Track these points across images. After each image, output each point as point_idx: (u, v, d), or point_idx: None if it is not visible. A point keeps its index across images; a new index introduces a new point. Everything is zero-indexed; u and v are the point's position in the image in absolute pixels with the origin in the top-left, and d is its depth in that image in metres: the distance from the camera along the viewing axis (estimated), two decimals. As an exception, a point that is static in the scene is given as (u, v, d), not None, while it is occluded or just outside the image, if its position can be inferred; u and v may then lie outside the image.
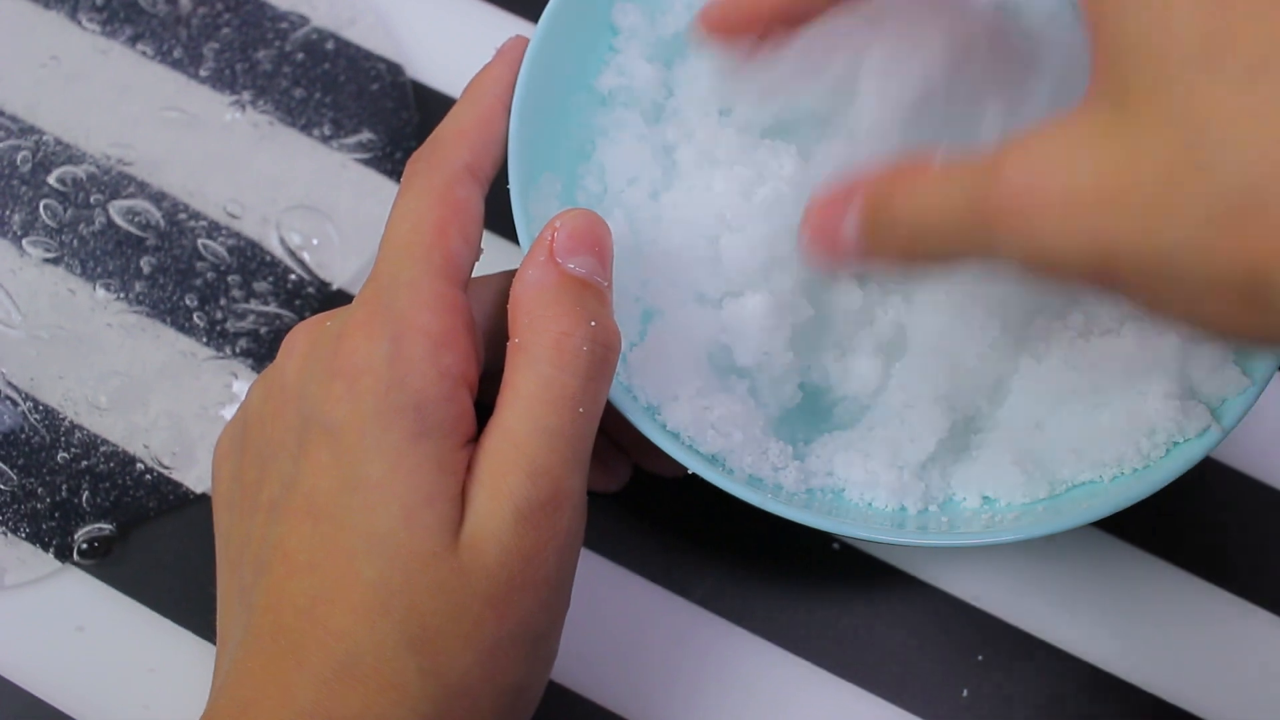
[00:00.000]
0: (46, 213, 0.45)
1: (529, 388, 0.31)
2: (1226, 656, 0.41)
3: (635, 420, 0.35)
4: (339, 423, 0.31)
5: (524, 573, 0.31)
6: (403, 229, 0.34)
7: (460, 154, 0.35)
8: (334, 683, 0.30)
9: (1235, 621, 0.41)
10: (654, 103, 0.39)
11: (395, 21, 0.48)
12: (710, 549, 0.42)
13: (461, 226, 0.34)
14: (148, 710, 0.40)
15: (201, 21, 0.47)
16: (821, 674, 0.40)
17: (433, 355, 0.31)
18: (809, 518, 0.34)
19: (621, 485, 0.40)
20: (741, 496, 0.34)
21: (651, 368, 0.36)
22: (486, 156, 0.35)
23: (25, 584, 0.41)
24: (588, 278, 0.33)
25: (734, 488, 0.34)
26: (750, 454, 0.36)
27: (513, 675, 0.32)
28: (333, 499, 0.31)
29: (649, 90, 0.39)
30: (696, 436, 0.36)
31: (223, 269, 0.44)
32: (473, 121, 0.36)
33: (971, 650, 0.41)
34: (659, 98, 0.39)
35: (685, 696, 0.40)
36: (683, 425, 0.36)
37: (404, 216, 0.34)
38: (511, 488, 0.31)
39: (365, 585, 0.30)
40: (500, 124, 0.36)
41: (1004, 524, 0.35)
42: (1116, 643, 0.41)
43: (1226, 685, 0.40)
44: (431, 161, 0.35)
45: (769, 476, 0.36)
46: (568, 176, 0.38)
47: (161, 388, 0.43)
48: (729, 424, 0.36)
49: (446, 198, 0.34)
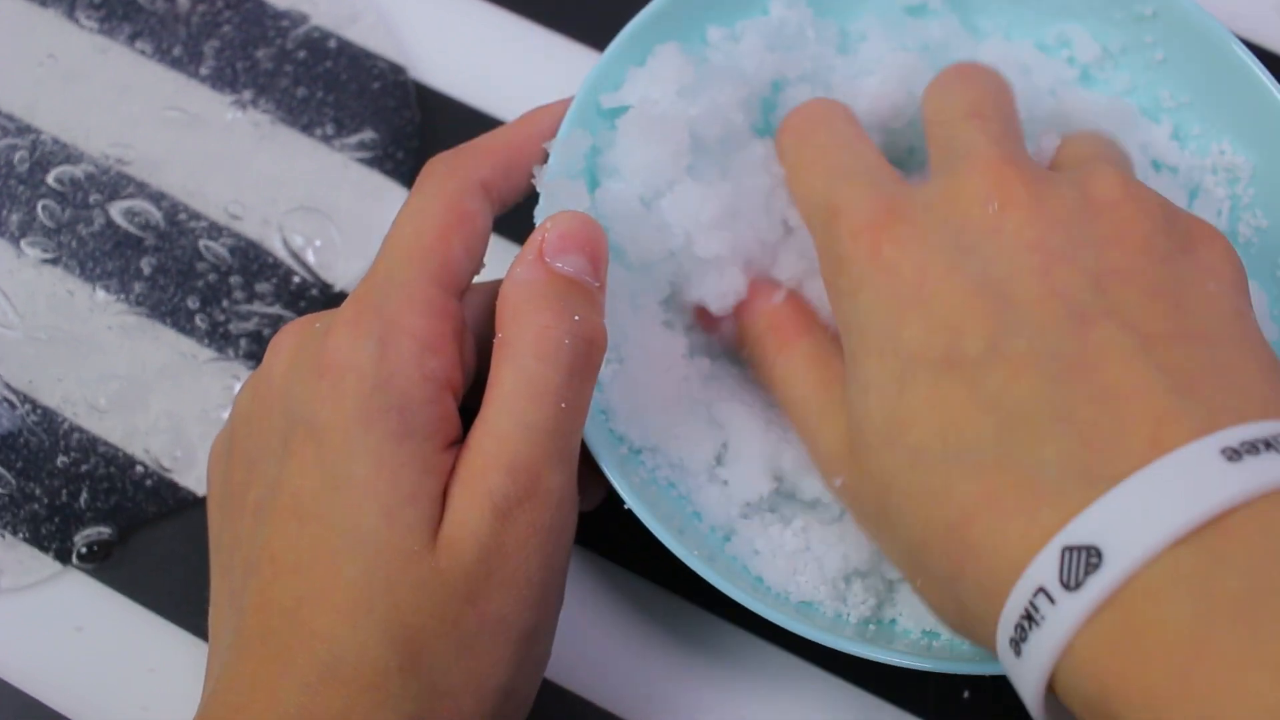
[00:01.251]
0: (44, 213, 0.45)
1: (511, 382, 0.32)
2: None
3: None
4: (323, 423, 0.31)
5: (503, 570, 0.31)
6: (406, 230, 0.34)
7: (480, 168, 0.35)
8: (318, 685, 0.30)
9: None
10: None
11: (397, 21, 0.48)
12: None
13: (465, 237, 0.34)
14: (146, 711, 0.40)
15: (201, 19, 0.47)
16: (822, 674, 0.40)
17: (418, 358, 0.32)
18: (727, 587, 0.35)
19: (595, 505, 0.40)
20: (669, 547, 0.35)
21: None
22: (506, 179, 0.36)
23: (24, 587, 0.41)
24: (576, 276, 0.33)
25: (663, 534, 0.35)
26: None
27: (497, 675, 0.32)
28: (317, 499, 0.31)
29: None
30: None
31: (224, 270, 0.44)
32: (503, 143, 0.36)
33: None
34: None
35: (685, 696, 0.40)
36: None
37: (409, 218, 0.34)
38: (490, 484, 0.31)
39: (348, 585, 0.30)
40: (532, 157, 0.36)
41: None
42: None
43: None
44: (451, 166, 0.35)
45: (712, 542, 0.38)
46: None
47: (162, 389, 0.43)
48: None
49: (454, 206, 0.34)
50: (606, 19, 0.41)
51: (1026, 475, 0.27)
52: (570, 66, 0.47)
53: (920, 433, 0.30)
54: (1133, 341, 0.28)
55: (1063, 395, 0.28)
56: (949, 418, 0.29)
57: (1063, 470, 0.27)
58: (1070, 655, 0.26)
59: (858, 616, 0.37)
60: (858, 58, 0.40)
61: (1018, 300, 0.30)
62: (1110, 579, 0.25)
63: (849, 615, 0.37)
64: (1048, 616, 0.26)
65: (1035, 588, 0.26)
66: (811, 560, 0.37)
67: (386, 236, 0.34)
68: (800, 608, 0.37)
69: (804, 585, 0.37)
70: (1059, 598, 0.26)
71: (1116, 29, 0.40)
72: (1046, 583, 0.26)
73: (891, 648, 0.35)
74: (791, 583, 0.37)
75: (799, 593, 0.37)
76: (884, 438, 0.31)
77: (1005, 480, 0.28)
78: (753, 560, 0.37)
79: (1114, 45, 0.40)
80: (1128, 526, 0.25)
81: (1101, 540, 0.25)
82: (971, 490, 0.28)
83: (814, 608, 0.37)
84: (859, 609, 0.37)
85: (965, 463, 0.29)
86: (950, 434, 0.29)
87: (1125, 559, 0.25)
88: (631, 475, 0.36)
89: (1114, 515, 0.26)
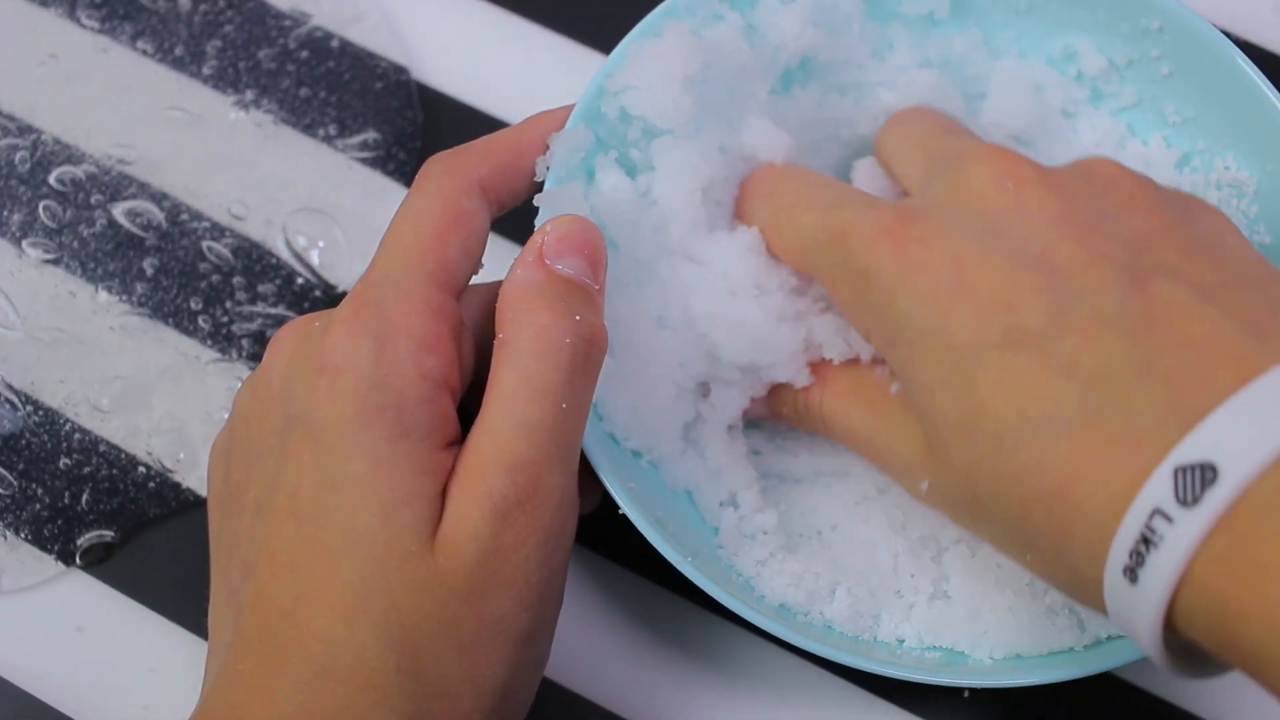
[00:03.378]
0: (46, 213, 0.45)
1: (511, 382, 0.32)
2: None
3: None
4: (320, 422, 0.31)
5: (502, 571, 0.31)
6: (404, 229, 0.34)
7: (479, 167, 0.35)
8: (315, 684, 0.30)
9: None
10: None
11: (400, 21, 0.48)
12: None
13: (463, 236, 0.34)
14: (147, 711, 0.40)
15: (203, 19, 0.47)
16: (822, 674, 0.40)
17: (415, 358, 0.32)
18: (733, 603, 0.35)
19: (591, 509, 0.40)
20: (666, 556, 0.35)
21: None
22: (505, 181, 0.35)
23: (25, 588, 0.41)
24: (576, 278, 0.33)
25: (661, 545, 0.35)
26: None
27: (496, 676, 0.32)
28: (314, 498, 0.31)
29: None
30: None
31: (226, 271, 0.44)
32: (503, 145, 0.36)
33: (972, 650, 0.41)
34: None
35: (685, 696, 0.40)
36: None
37: (406, 217, 0.34)
38: (490, 484, 0.31)
39: (344, 585, 0.30)
40: (532, 160, 0.36)
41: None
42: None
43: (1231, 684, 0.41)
44: (449, 165, 0.35)
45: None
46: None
47: (165, 390, 0.43)
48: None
49: (452, 205, 0.34)
50: (610, 21, 0.42)
51: (1121, 427, 0.28)
52: (573, 68, 0.47)
53: (997, 416, 0.30)
54: (1193, 294, 0.29)
55: (1141, 350, 0.28)
56: (1026, 394, 0.29)
57: (1157, 415, 0.27)
58: (1189, 576, 0.26)
59: (850, 627, 0.37)
60: (884, 65, 0.41)
61: (1065, 269, 0.30)
62: (1229, 489, 0.25)
63: (838, 623, 0.37)
64: (1166, 536, 0.26)
65: (1150, 510, 0.26)
66: (797, 564, 0.37)
67: (385, 236, 0.34)
68: (780, 611, 0.37)
69: (786, 589, 0.37)
70: (1177, 516, 0.26)
71: (1123, 42, 0.40)
72: (1162, 503, 0.26)
73: (877, 657, 0.35)
74: (782, 588, 0.37)
75: (780, 596, 0.37)
76: (961, 432, 0.31)
77: (1100, 436, 0.28)
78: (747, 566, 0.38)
79: (1120, 59, 0.40)
80: (1239, 438, 0.26)
81: (1215, 455, 0.26)
82: (1065, 454, 0.28)
83: (798, 613, 0.37)
84: (852, 618, 0.37)
85: (1053, 432, 0.29)
86: (1030, 408, 0.29)
87: (1243, 467, 0.25)
88: (626, 476, 0.36)
89: (1223, 431, 0.26)
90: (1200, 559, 0.26)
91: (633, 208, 0.37)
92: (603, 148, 0.38)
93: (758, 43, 0.38)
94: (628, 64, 0.37)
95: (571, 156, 0.37)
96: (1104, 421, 0.28)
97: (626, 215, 0.37)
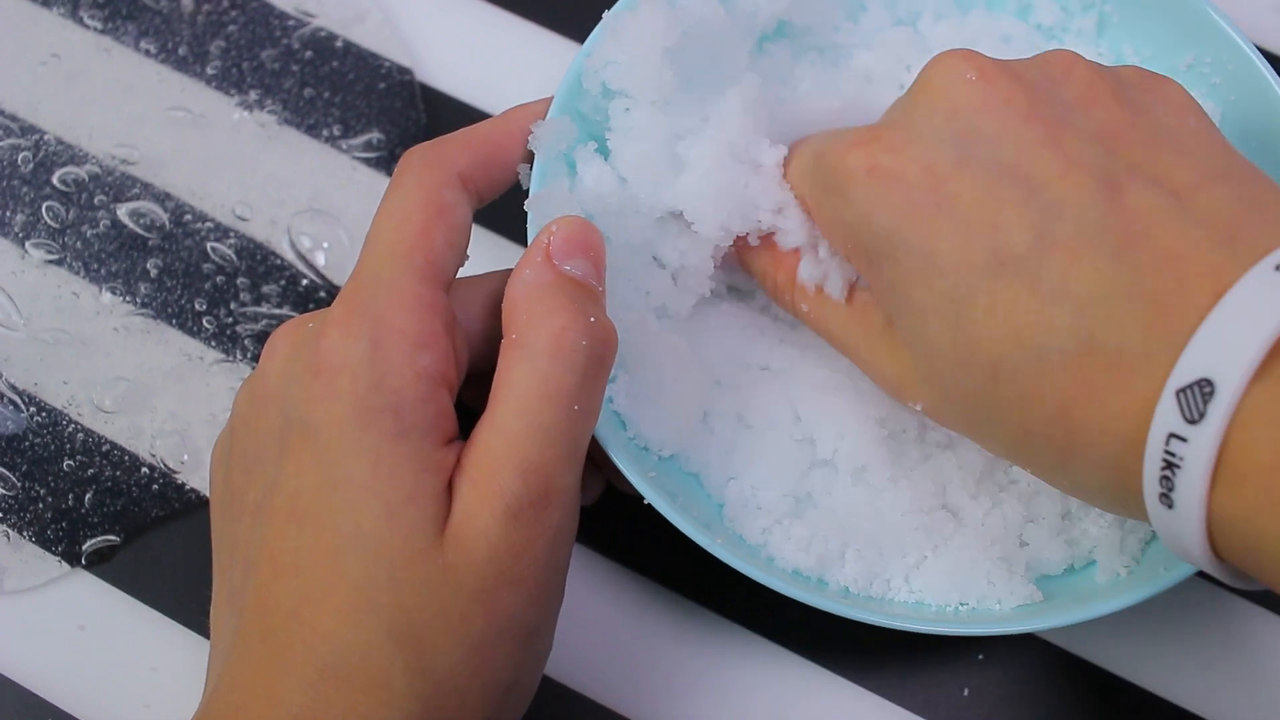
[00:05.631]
0: (49, 214, 0.45)
1: (524, 383, 0.31)
2: (1234, 660, 0.41)
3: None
4: (318, 423, 0.31)
5: (513, 569, 0.31)
6: (387, 226, 0.33)
7: (458, 160, 0.35)
8: (320, 684, 0.30)
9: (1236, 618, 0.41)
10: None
11: (403, 22, 0.48)
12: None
13: (446, 230, 0.34)
14: (149, 709, 0.40)
15: (206, 19, 0.47)
16: (822, 673, 0.40)
17: (410, 356, 0.32)
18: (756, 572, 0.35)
19: (593, 501, 0.40)
20: (690, 534, 0.35)
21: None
22: (486, 173, 0.35)
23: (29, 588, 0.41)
24: (583, 279, 0.33)
25: (684, 524, 0.35)
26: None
27: (502, 672, 0.32)
28: (315, 499, 0.31)
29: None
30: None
31: (230, 271, 0.44)
32: (483, 137, 0.36)
33: (971, 650, 0.41)
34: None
35: (685, 696, 0.40)
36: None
37: (389, 214, 0.34)
38: (503, 485, 0.31)
39: (350, 585, 0.30)
40: (512, 151, 0.36)
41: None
42: (1122, 644, 0.41)
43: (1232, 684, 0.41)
44: (427, 158, 0.35)
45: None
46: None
47: (168, 391, 0.43)
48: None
49: (433, 199, 0.34)
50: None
51: (1115, 353, 0.29)
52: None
53: (993, 346, 0.30)
54: (1167, 202, 0.30)
55: (1127, 270, 0.29)
56: (1019, 320, 0.30)
57: (1147, 341, 0.28)
58: (1218, 490, 0.27)
59: (866, 589, 0.37)
60: (858, 27, 0.41)
61: (1042, 180, 0.30)
62: (1228, 399, 0.26)
63: (853, 587, 0.37)
64: (1186, 456, 0.27)
65: (1166, 435, 0.27)
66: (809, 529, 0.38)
67: (369, 234, 0.34)
68: (794, 577, 0.37)
69: (797, 555, 0.37)
70: (1189, 434, 0.27)
71: None
72: (1173, 426, 0.27)
73: (897, 614, 0.36)
74: (792, 554, 0.37)
75: (792, 563, 0.37)
76: (956, 361, 0.31)
77: (1095, 363, 0.29)
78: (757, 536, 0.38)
79: (1074, 4, 0.41)
80: (1224, 348, 0.27)
81: (1208, 370, 0.27)
82: (1062, 381, 0.29)
83: (812, 578, 0.37)
84: (866, 579, 0.38)
85: (1049, 359, 0.29)
86: (1025, 336, 0.30)
87: (1236, 373, 0.26)
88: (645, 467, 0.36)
89: (1209, 346, 0.27)
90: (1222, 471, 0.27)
91: (618, 198, 0.37)
92: (583, 139, 0.37)
93: (733, 8, 0.38)
94: (606, 39, 0.37)
95: (554, 147, 0.36)
96: (1097, 348, 0.29)
97: (611, 205, 0.37)
